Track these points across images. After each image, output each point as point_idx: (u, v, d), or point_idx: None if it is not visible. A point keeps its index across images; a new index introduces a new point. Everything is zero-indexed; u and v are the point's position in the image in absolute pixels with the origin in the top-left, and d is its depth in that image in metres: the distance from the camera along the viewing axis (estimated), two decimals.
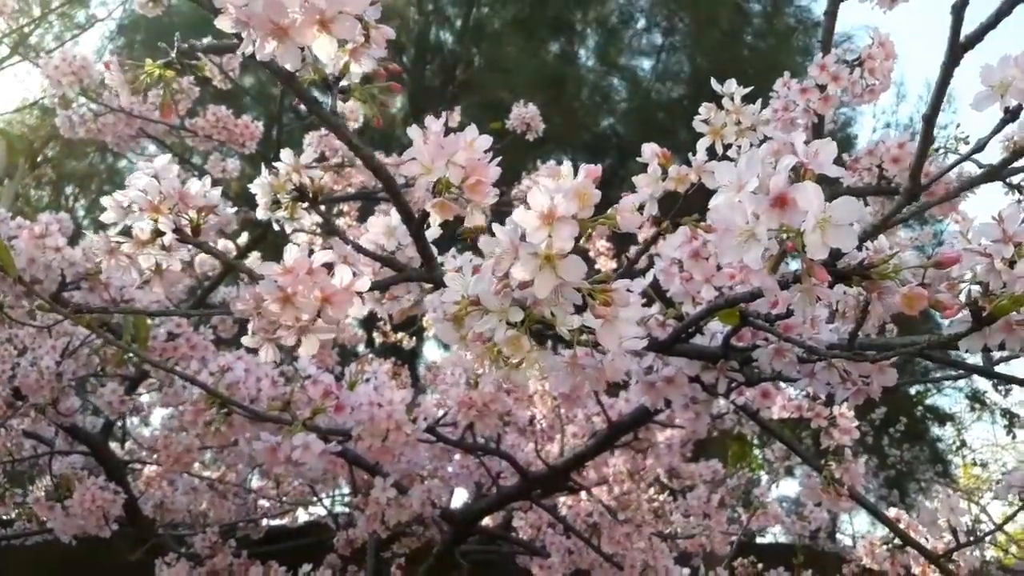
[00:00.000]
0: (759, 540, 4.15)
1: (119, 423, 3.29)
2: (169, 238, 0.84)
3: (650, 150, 0.87)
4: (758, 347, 0.96)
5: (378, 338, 4.94)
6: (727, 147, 0.91)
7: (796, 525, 2.51)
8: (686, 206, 0.92)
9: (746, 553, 3.13)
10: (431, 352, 7.68)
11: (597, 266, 4.00)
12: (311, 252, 0.76)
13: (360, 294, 0.77)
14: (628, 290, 0.65)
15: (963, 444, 9.89)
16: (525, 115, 3.40)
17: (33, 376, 2.20)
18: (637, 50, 9.52)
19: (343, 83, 0.87)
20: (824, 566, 3.30)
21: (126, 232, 0.86)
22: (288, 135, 4.29)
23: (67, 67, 2.53)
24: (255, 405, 1.72)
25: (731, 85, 0.91)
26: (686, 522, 2.49)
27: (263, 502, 3.41)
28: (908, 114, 10.44)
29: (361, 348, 6.52)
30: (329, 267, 0.77)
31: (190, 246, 0.85)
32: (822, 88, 1.68)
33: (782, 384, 1.55)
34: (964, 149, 1.66)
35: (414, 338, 4.76)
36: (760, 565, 2.94)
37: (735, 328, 0.89)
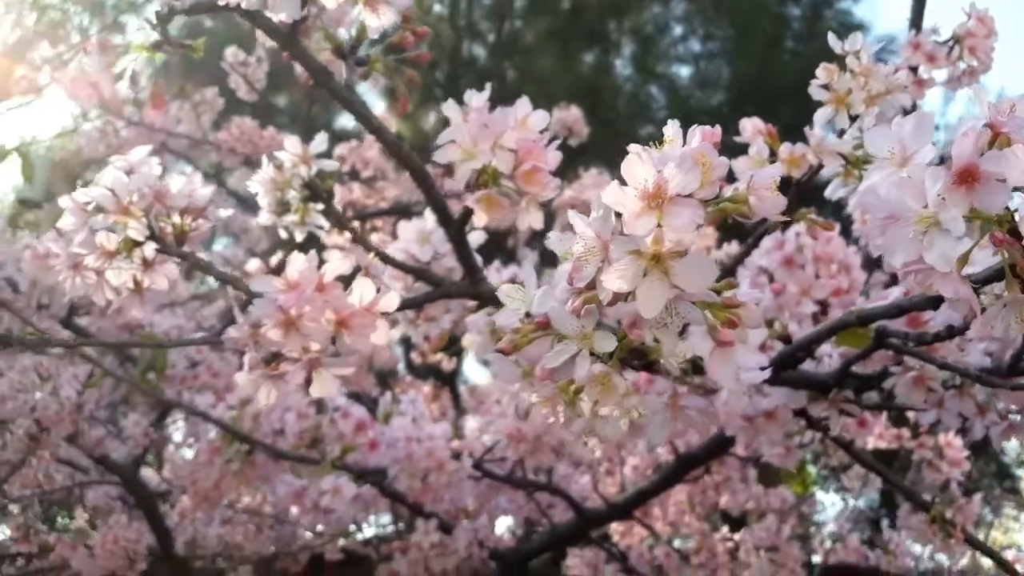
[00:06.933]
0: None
1: (154, 449, 3.16)
2: (149, 249, 0.67)
3: (752, 126, 0.68)
4: (889, 373, 0.76)
5: (416, 358, 4.75)
6: (853, 119, 0.71)
7: (883, 559, 2.29)
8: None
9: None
10: (472, 371, 7.48)
11: None
12: (322, 263, 0.59)
13: (387, 315, 0.59)
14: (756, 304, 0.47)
15: None
16: (567, 119, 3.20)
17: (53, 408, 2.08)
18: (675, 58, 9.36)
19: (362, 53, 0.70)
20: None
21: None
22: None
23: (84, 80, 2.40)
24: (281, 440, 1.55)
25: (856, 40, 0.71)
26: (758, 558, 2.28)
27: (304, 530, 3.23)
28: (957, 115, 10.06)
29: (400, 367, 6.33)
30: (347, 281, 0.60)
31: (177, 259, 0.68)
32: (914, 70, 1.47)
33: None
34: None
35: (455, 358, 4.56)
36: None
37: (864, 351, 0.70)
